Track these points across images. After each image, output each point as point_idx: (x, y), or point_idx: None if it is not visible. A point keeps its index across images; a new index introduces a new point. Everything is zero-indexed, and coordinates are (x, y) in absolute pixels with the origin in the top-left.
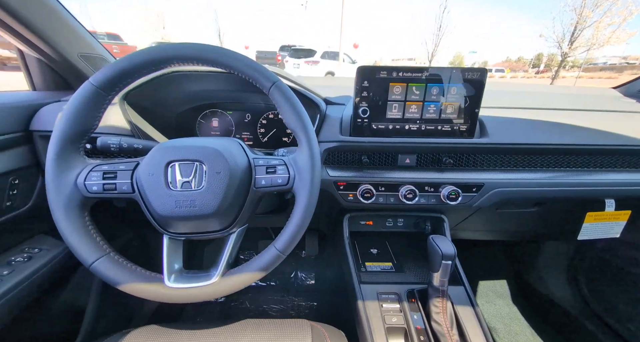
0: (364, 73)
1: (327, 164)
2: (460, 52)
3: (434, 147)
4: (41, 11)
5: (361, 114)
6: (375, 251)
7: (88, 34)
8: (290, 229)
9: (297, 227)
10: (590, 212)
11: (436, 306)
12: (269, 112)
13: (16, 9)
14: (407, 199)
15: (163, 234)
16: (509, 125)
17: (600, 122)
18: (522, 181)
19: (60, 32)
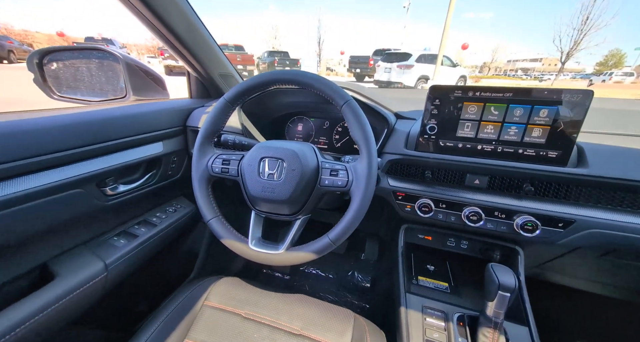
0: (435, 92)
1: (389, 174)
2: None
3: (512, 172)
4: (200, 42)
5: (428, 131)
6: (433, 267)
7: (224, 57)
8: (342, 224)
9: (348, 223)
10: None
11: (486, 335)
12: (344, 122)
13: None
14: (470, 221)
15: (252, 210)
16: (619, 156)
17: None
18: (633, 226)
19: (208, 57)
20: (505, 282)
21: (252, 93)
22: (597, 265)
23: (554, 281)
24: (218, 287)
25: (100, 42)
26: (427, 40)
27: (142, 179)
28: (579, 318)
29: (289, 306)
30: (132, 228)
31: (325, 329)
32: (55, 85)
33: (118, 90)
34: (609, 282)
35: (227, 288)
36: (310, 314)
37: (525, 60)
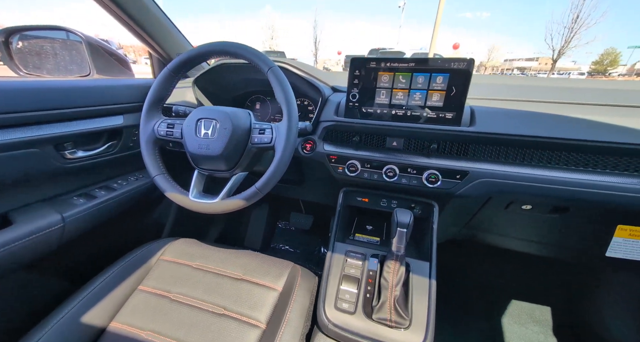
0: (355, 64)
1: (325, 141)
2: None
3: (420, 133)
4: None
5: (351, 99)
6: (371, 227)
7: (183, 38)
8: (267, 174)
9: (271, 174)
10: (623, 225)
11: (389, 266)
12: (298, 99)
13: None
14: (388, 177)
15: (195, 169)
16: (502, 116)
17: (618, 118)
18: (517, 175)
19: (165, 37)
20: (402, 220)
21: (191, 63)
22: (508, 220)
23: (487, 243)
24: (175, 245)
25: None
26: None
27: (102, 147)
28: (508, 276)
29: (236, 257)
30: (92, 191)
31: (264, 274)
32: (21, 63)
33: (82, 68)
34: (520, 237)
35: (184, 246)
36: (253, 264)
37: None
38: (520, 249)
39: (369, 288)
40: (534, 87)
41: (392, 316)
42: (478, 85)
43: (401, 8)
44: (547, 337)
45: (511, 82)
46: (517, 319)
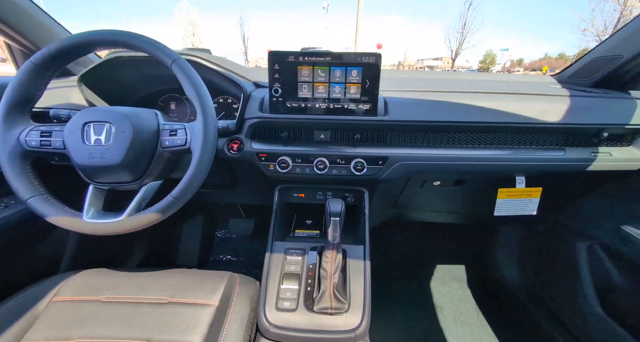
0: (274, 57)
1: (252, 139)
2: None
3: (344, 124)
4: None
5: (274, 94)
6: (311, 221)
7: (59, 28)
8: (184, 180)
9: (190, 179)
10: (502, 188)
11: (327, 256)
12: (220, 96)
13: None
14: (319, 170)
15: (90, 184)
16: (410, 105)
17: (506, 104)
18: (425, 155)
19: (34, 28)
20: (334, 210)
21: (66, 55)
22: (424, 196)
23: (411, 219)
24: (74, 280)
25: None
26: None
27: None
28: (431, 245)
29: (161, 279)
30: None
31: (196, 291)
32: None
33: None
34: (435, 209)
35: (87, 280)
36: (182, 283)
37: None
38: (436, 219)
39: (309, 281)
40: (436, 79)
41: (333, 303)
42: (392, 79)
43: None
44: (464, 291)
45: (418, 75)
46: (441, 280)
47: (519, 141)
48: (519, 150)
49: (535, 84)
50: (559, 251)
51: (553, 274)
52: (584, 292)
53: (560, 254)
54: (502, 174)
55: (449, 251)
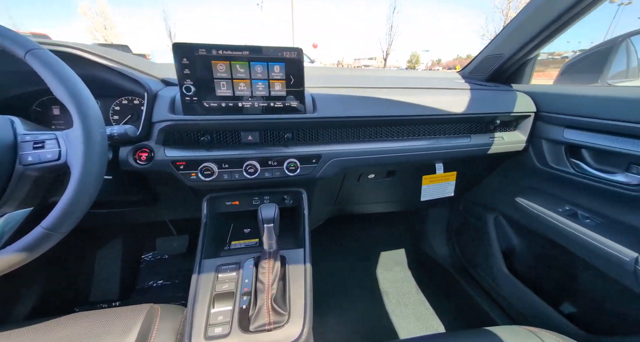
0: (180, 50)
1: (166, 145)
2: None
3: (271, 123)
4: None
5: (185, 92)
6: (249, 230)
7: None
8: (61, 205)
9: (69, 202)
10: (425, 175)
11: (263, 267)
12: (123, 97)
13: None
14: (249, 174)
15: None
16: (338, 101)
17: (421, 97)
18: (356, 151)
19: None
20: (266, 216)
21: None
22: (363, 189)
23: (354, 213)
24: None
25: None
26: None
27: None
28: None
29: (49, 332)
30: None
31: (102, 335)
32: None
33: None
34: (374, 201)
35: None
36: (81, 331)
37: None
38: (376, 210)
39: (244, 298)
40: (361, 76)
41: (271, 317)
42: (319, 76)
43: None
44: (405, 273)
45: (343, 73)
46: (385, 266)
47: (435, 131)
48: (435, 139)
49: (444, 79)
50: (474, 224)
51: (472, 245)
52: (493, 256)
53: (475, 226)
54: (425, 162)
55: (389, 237)
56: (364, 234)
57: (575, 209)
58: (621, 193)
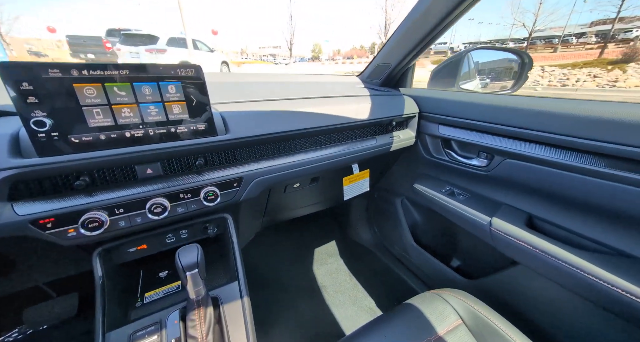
0: (14, 73)
1: (14, 200)
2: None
3: (177, 151)
4: None
5: (36, 128)
6: (166, 273)
7: None
8: None
9: None
10: (345, 177)
11: (192, 319)
12: None
13: None
14: (156, 215)
15: None
16: (251, 119)
17: (331, 107)
18: (278, 166)
19: None
20: (188, 263)
21: None
22: (290, 199)
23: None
24: None
25: None
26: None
27: None
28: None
29: None
30: None
31: None
32: None
33: None
34: (302, 206)
35: None
36: None
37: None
38: (305, 213)
39: None
40: (265, 83)
41: None
42: (223, 88)
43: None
44: (338, 262)
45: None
46: (320, 261)
47: (347, 137)
48: (349, 144)
49: (347, 84)
50: (387, 208)
51: (387, 225)
52: (403, 232)
53: (388, 210)
54: (343, 166)
55: (319, 233)
56: (294, 237)
57: (452, 188)
58: (476, 173)
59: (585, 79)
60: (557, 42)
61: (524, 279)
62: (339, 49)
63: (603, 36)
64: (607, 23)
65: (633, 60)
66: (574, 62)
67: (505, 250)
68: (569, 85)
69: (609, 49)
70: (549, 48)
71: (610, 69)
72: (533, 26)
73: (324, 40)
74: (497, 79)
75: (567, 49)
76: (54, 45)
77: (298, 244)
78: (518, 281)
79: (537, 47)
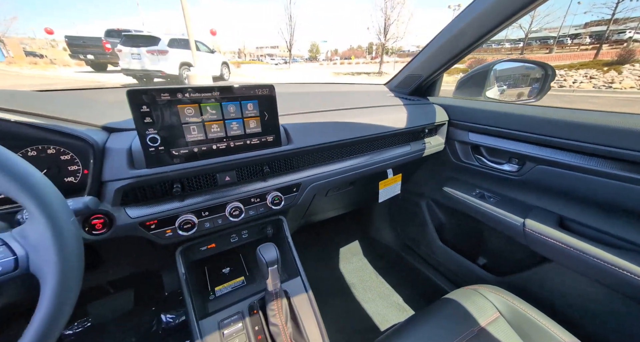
0: (137, 98)
1: (126, 205)
2: (315, 42)
3: (249, 161)
4: None
5: (151, 143)
6: (229, 269)
7: None
8: (34, 329)
9: (46, 324)
10: (381, 181)
11: (272, 309)
12: (29, 148)
13: None
14: (234, 217)
15: None
16: (308, 130)
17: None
18: (329, 173)
19: None
20: (270, 258)
21: None
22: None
23: (315, 221)
24: None
25: None
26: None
27: None
28: (334, 236)
29: None
30: None
31: None
32: None
33: None
34: (336, 207)
35: None
36: None
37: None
38: (335, 214)
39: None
40: (309, 94)
41: None
42: None
43: None
44: (362, 261)
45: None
46: (345, 260)
47: (385, 144)
48: (387, 150)
49: (379, 93)
50: (412, 209)
51: (411, 226)
52: (429, 232)
53: (413, 210)
54: (380, 170)
55: (341, 233)
56: (317, 237)
57: (482, 191)
58: (507, 178)
59: (581, 80)
60: (552, 42)
61: (556, 275)
62: (336, 49)
63: (597, 37)
64: (601, 24)
65: (628, 62)
66: (570, 63)
67: (540, 249)
68: (566, 87)
69: (603, 50)
70: (545, 49)
71: (606, 71)
72: (530, 27)
73: (322, 41)
74: (514, 86)
75: (562, 50)
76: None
77: (322, 243)
78: (550, 277)
79: (533, 48)
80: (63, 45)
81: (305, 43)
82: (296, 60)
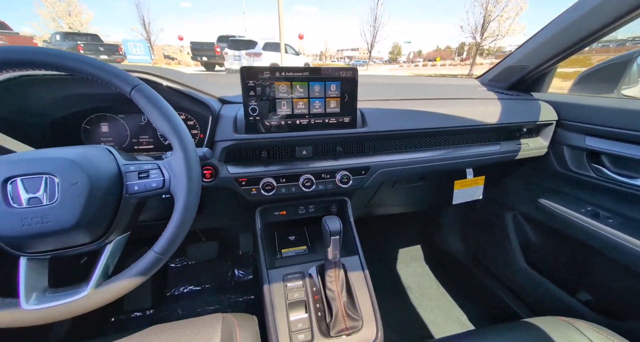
0: (248, 74)
1: (227, 162)
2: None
3: (325, 138)
4: None
5: (251, 113)
6: (294, 237)
7: None
8: (170, 230)
9: (177, 229)
10: (457, 180)
11: (330, 275)
12: None
13: None
14: (306, 187)
15: (19, 257)
16: (385, 116)
17: (458, 109)
18: (400, 161)
19: None
20: (334, 228)
21: None
22: (394, 194)
23: (378, 214)
24: None
25: None
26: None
27: None
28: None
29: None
30: None
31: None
32: None
33: None
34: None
35: None
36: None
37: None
38: (399, 211)
39: (317, 306)
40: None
41: (347, 323)
42: None
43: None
44: (423, 267)
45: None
46: (404, 263)
47: (468, 139)
48: (468, 147)
49: (469, 87)
50: (492, 221)
51: (488, 240)
52: (512, 251)
53: (493, 223)
54: (456, 168)
55: (404, 235)
56: (377, 233)
57: (596, 209)
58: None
59: None
60: None
61: None
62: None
63: None
64: None
65: None
66: None
67: None
68: None
69: None
70: None
71: None
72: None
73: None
74: None
75: None
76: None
77: (380, 240)
78: None
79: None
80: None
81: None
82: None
